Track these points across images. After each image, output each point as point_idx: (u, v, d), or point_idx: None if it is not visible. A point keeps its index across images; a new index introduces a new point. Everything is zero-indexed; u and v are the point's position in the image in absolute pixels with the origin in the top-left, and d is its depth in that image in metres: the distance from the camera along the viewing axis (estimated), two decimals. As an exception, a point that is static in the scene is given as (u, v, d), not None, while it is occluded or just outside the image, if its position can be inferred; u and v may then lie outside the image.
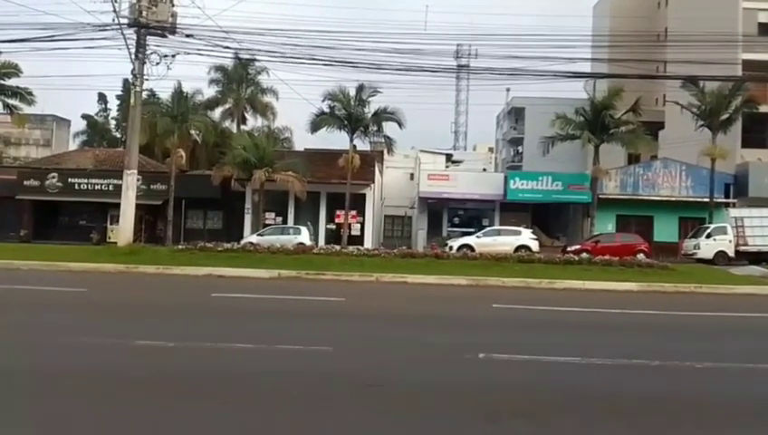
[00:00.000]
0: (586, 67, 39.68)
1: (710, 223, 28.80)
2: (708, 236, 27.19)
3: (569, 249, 25.94)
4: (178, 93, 32.04)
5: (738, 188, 32.51)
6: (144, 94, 22.46)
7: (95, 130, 53.28)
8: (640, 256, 22.19)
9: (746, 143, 33.70)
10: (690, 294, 14.04)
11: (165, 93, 34.16)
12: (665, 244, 29.97)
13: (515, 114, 53.26)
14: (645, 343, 7.95)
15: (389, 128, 30.18)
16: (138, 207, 20.78)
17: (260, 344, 6.88)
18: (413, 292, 13.24)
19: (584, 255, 20.52)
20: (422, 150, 45.82)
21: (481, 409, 4.85)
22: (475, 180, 34.93)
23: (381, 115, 29.47)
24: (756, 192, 31.21)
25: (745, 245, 26.98)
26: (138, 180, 21.89)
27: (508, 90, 50.24)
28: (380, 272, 15.15)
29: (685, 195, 32.57)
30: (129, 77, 19.64)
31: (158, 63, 18.57)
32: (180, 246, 20.80)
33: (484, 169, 51.13)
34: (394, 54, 20.37)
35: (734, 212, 28.92)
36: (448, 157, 52.14)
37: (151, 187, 31.84)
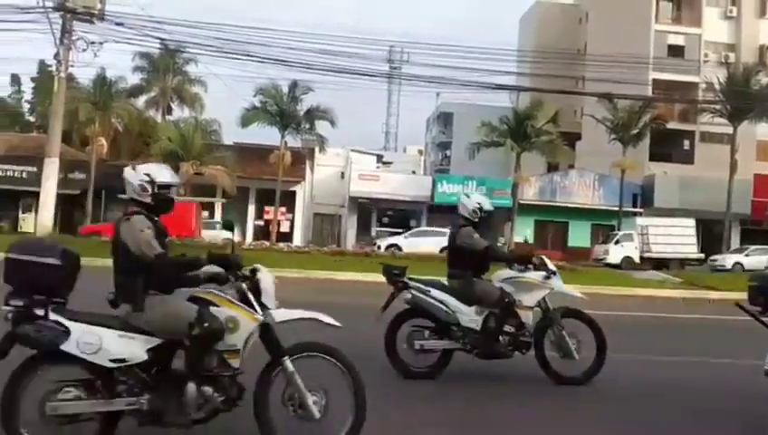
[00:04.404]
0: (511, 78, 41.32)
1: (619, 230, 30.77)
2: (617, 243, 29.14)
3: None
4: (101, 79, 30.83)
5: (645, 199, 34.89)
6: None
7: (7, 114, 50.09)
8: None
9: (653, 157, 36.22)
10: (595, 295, 15.13)
11: (85, 79, 32.67)
12: (578, 249, 31.78)
13: (444, 119, 54.52)
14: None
15: (321, 126, 30.39)
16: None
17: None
18: (343, 288, 13.60)
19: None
20: (353, 150, 46.08)
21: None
22: (405, 182, 35.76)
23: (314, 113, 29.59)
24: (661, 203, 33.70)
25: (649, 251, 29.13)
26: (56, 169, 21.02)
27: (438, 94, 51.38)
28: (310, 269, 15.43)
29: (597, 203, 34.67)
30: (47, 59, 19.00)
31: (84, 50, 17.98)
32: (100, 239, 20.17)
33: (414, 172, 52.04)
34: (327, 56, 20.69)
35: (640, 221, 31.12)
36: (379, 157, 52.63)
37: (68, 175, 30.32)
